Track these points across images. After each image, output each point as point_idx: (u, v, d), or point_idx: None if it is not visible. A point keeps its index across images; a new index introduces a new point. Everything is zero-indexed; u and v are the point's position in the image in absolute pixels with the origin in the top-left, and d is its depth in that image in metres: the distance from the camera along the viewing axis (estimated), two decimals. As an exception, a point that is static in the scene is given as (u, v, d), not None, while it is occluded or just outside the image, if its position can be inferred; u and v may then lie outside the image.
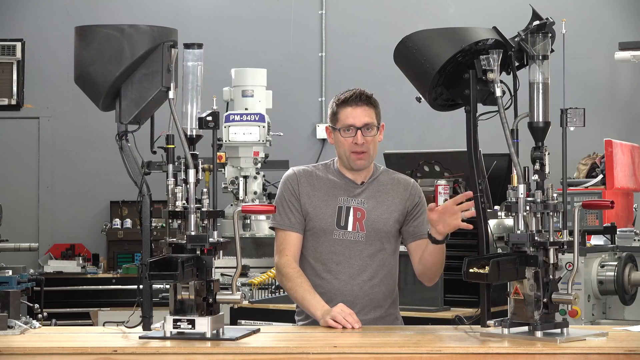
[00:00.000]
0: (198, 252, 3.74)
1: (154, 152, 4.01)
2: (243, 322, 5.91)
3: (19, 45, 10.60)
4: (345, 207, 4.17)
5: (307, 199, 4.19)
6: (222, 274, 6.94)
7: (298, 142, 10.95)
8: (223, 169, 8.39)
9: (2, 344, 3.60)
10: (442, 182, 5.76)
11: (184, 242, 3.75)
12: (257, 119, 8.36)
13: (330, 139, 4.24)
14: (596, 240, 6.18)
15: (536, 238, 3.71)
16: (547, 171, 3.78)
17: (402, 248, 4.30)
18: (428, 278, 4.22)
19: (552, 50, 3.89)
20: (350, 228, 4.15)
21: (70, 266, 9.45)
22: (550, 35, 3.87)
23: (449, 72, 4.10)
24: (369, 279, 4.15)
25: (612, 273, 5.56)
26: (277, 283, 6.53)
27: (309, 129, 11.23)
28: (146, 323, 3.87)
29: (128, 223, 10.38)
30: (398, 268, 4.28)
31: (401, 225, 4.21)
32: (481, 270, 3.64)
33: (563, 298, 3.70)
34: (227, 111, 8.42)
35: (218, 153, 3.95)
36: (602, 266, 5.60)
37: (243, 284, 6.79)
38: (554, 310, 3.72)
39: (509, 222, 5.39)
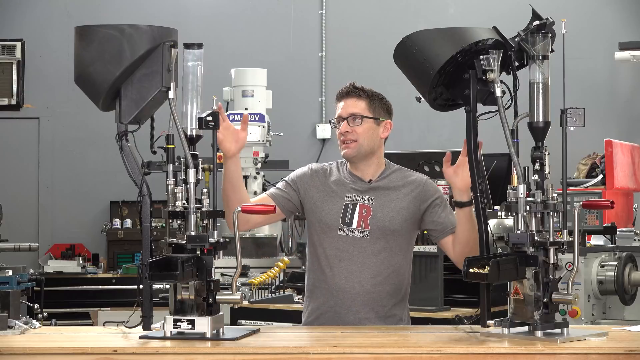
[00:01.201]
0: (198, 252, 3.74)
1: (154, 152, 4.00)
2: (243, 322, 5.92)
3: (19, 45, 10.57)
4: (352, 204, 4.17)
5: (315, 192, 4.20)
6: (222, 274, 6.94)
7: (298, 142, 10.95)
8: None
9: (2, 344, 3.59)
10: (442, 182, 5.77)
11: (184, 242, 3.75)
12: (257, 119, 8.36)
13: None
14: (596, 240, 6.18)
15: (536, 238, 3.70)
16: (547, 171, 3.78)
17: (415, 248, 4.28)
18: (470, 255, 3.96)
19: (552, 50, 3.88)
20: (354, 225, 4.15)
21: (70, 266, 9.46)
22: (550, 35, 3.86)
23: (449, 72, 4.09)
24: (371, 277, 4.13)
25: (612, 273, 5.56)
26: (277, 283, 6.54)
27: (309, 129, 11.23)
28: (146, 323, 3.86)
29: (128, 223, 10.38)
30: (410, 269, 4.26)
31: (417, 225, 4.19)
32: (481, 270, 3.64)
33: (563, 298, 3.70)
34: (227, 111, 8.42)
35: (218, 153, 3.94)
36: (602, 266, 5.60)
37: (243, 284, 6.78)
38: (554, 310, 3.71)
39: (509, 222, 5.39)
